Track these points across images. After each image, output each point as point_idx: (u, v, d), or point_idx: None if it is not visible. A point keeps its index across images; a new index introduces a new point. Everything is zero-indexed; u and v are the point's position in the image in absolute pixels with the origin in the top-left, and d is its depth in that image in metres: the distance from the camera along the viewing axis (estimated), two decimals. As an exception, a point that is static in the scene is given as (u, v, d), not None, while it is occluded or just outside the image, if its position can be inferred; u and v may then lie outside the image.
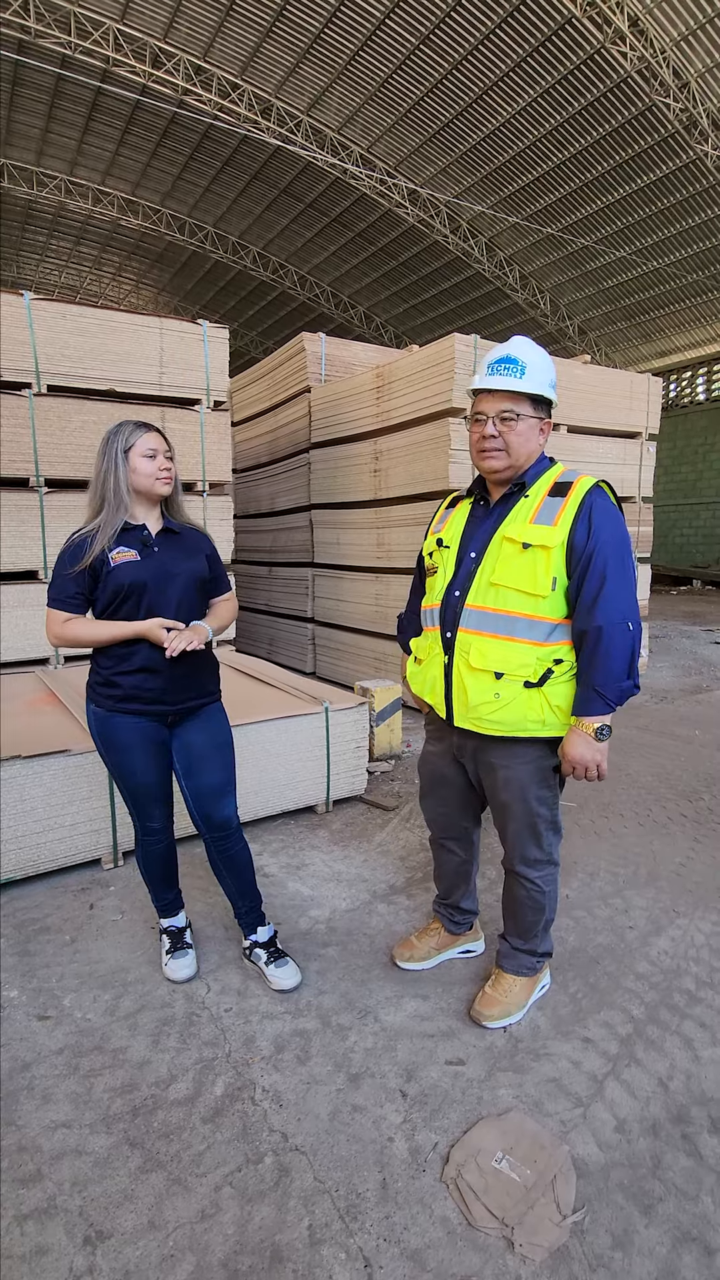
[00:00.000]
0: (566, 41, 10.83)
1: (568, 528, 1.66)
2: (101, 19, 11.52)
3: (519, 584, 1.68)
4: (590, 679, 1.65)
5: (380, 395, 5.46)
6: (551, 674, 1.69)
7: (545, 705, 1.70)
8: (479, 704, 1.73)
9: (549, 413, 1.78)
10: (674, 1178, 1.48)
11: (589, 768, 1.70)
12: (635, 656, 1.67)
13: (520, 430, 1.72)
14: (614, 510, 1.70)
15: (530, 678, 1.69)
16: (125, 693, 1.90)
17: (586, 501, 1.66)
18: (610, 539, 1.64)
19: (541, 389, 1.73)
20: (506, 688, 1.70)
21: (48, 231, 18.70)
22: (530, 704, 1.70)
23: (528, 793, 1.82)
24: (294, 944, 2.33)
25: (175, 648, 1.83)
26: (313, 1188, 1.46)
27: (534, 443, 1.75)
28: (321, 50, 11.88)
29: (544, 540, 1.66)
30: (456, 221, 15.86)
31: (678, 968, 2.20)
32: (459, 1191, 1.45)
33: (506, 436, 1.72)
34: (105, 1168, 1.51)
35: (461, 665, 1.76)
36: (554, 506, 1.68)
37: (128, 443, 1.87)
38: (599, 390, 5.81)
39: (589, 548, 1.64)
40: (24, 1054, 1.84)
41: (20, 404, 4.27)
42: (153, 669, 1.89)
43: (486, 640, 1.72)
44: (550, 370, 1.76)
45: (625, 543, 1.68)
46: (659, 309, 17.38)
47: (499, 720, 1.72)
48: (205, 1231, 1.37)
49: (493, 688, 1.71)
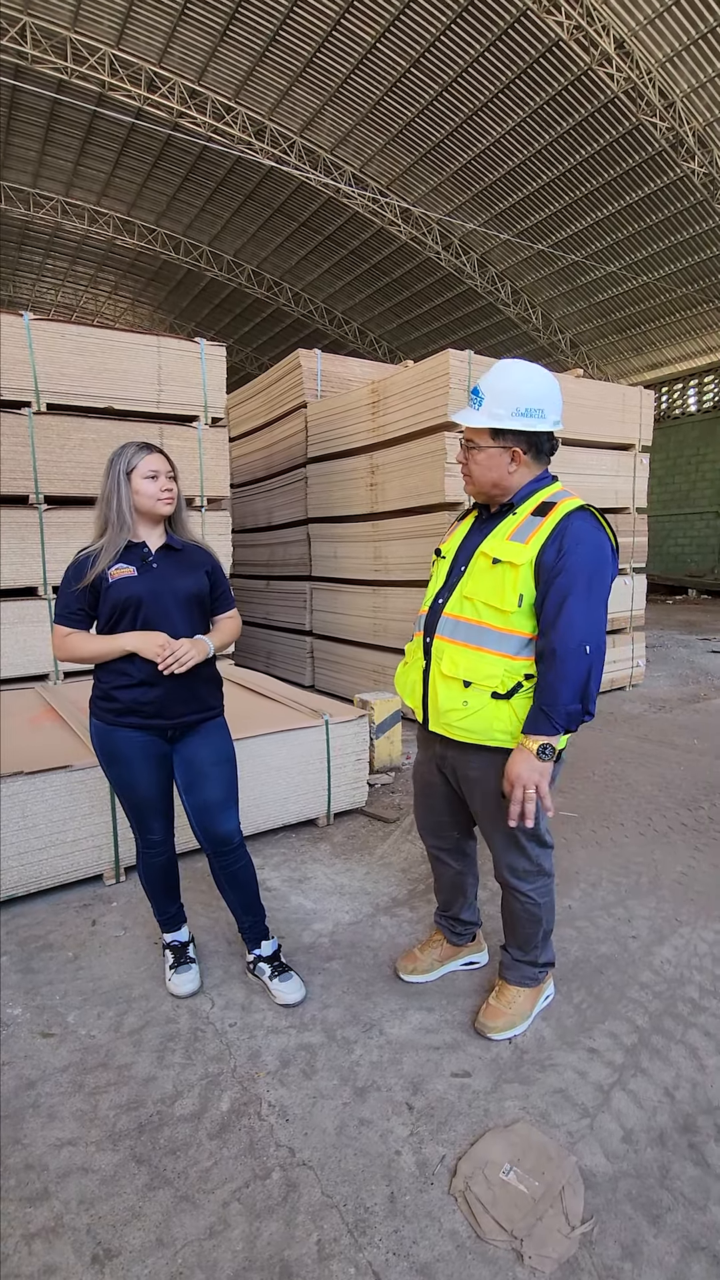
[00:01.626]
0: (554, 63, 11.05)
1: (537, 547, 1.67)
2: (97, 44, 11.72)
3: (488, 598, 1.72)
4: (539, 698, 1.65)
5: (375, 410, 5.51)
6: (521, 688, 1.71)
7: (513, 717, 1.72)
8: (448, 710, 1.77)
9: (523, 441, 1.73)
10: (682, 1187, 1.49)
11: (526, 786, 1.66)
12: (591, 681, 1.64)
13: (479, 460, 1.75)
14: (592, 533, 1.67)
15: (498, 689, 1.71)
16: (124, 706, 1.92)
17: (563, 524, 1.67)
18: (580, 561, 1.63)
19: (495, 422, 1.70)
20: (474, 696, 1.73)
21: (44, 251, 18.89)
22: (498, 715, 1.72)
23: (501, 805, 1.82)
24: (297, 958, 2.33)
25: (169, 665, 1.85)
26: (321, 1202, 1.46)
27: (499, 470, 1.74)
28: (314, 73, 12.09)
29: (512, 557, 1.69)
30: (449, 238, 16.08)
31: (681, 977, 2.21)
32: (467, 1204, 1.44)
33: (469, 465, 1.78)
34: (112, 1185, 1.50)
35: (435, 671, 1.80)
36: (531, 526, 1.71)
37: (130, 465, 1.90)
38: (592, 403, 5.88)
39: (556, 568, 1.64)
40: (29, 1071, 1.83)
41: (20, 422, 4.31)
42: (150, 683, 1.91)
43: (458, 648, 1.76)
44: (520, 397, 1.69)
45: (599, 567, 1.66)
46: (650, 322, 17.60)
47: (467, 728, 1.75)
48: (214, 1248, 1.37)
49: (461, 695, 1.74)
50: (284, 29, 11.16)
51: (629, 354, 19.23)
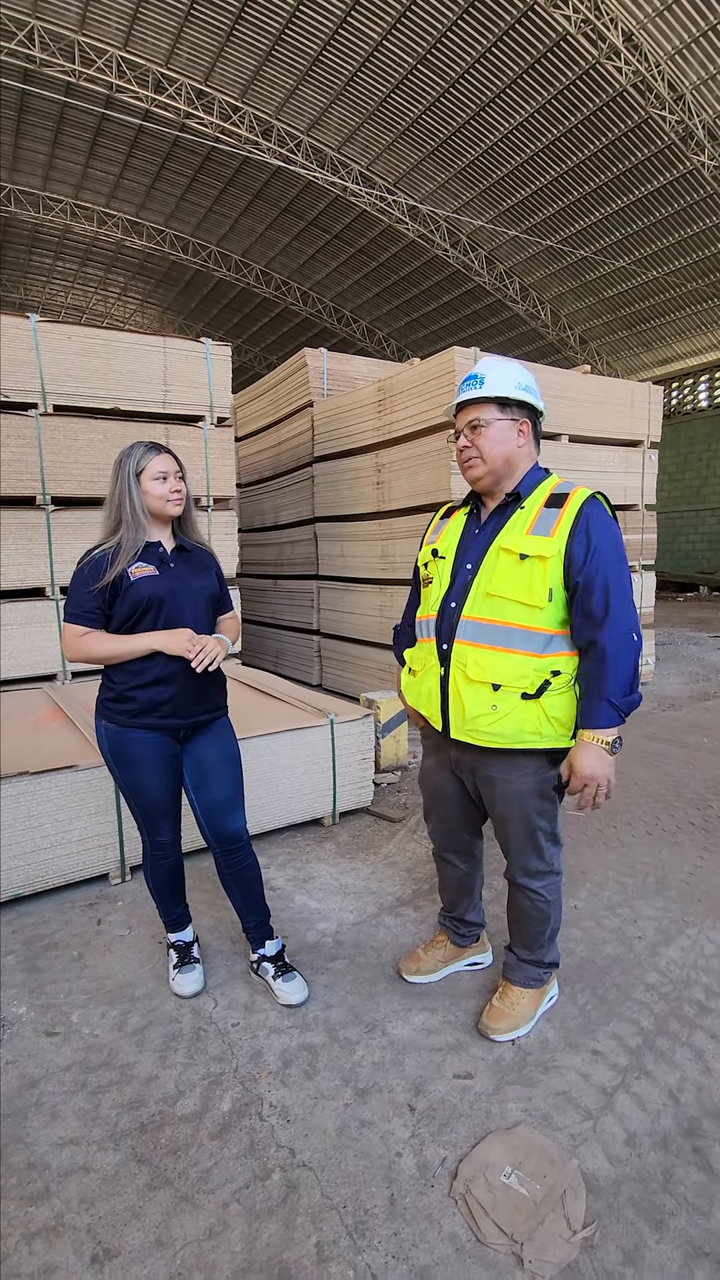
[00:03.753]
0: (562, 58, 10.98)
1: (564, 539, 1.66)
2: (105, 47, 11.77)
3: (516, 595, 1.69)
4: (604, 691, 1.64)
5: (382, 409, 5.50)
6: (549, 685, 1.69)
7: (543, 717, 1.70)
8: (476, 716, 1.73)
9: (528, 415, 1.79)
10: (685, 1192, 1.47)
11: (600, 783, 1.68)
12: (638, 668, 1.69)
13: (490, 435, 1.75)
14: (610, 521, 1.71)
15: (528, 689, 1.69)
16: (140, 707, 1.92)
17: (584, 513, 1.67)
18: (609, 552, 1.66)
19: (503, 391, 1.74)
20: (504, 699, 1.70)
21: (54, 254, 19.01)
22: (528, 715, 1.70)
23: (527, 805, 1.81)
24: (301, 957, 2.32)
25: (208, 659, 1.87)
26: (320, 1204, 1.45)
27: (510, 444, 1.76)
28: (320, 72, 12.08)
29: (541, 551, 1.67)
30: (457, 235, 16.02)
31: (687, 978, 2.19)
32: (468, 1207, 1.44)
33: (478, 443, 1.76)
34: (113, 1185, 1.51)
35: (458, 677, 1.76)
36: (550, 518, 1.69)
37: (139, 466, 1.90)
38: (600, 400, 5.84)
39: (590, 562, 1.64)
40: (32, 1070, 1.84)
41: (27, 424, 4.33)
42: (168, 682, 1.91)
43: (483, 652, 1.72)
44: (517, 375, 1.78)
45: (623, 554, 1.70)
46: (659, 317, 17.45)
47: (496, 732, 1.72)
48: (213, 1249, 1.36)
49: (490, 699, 1.71)
50: (290, 28, 11.16)
51: (639, 350, 19.09)
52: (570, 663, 1.72)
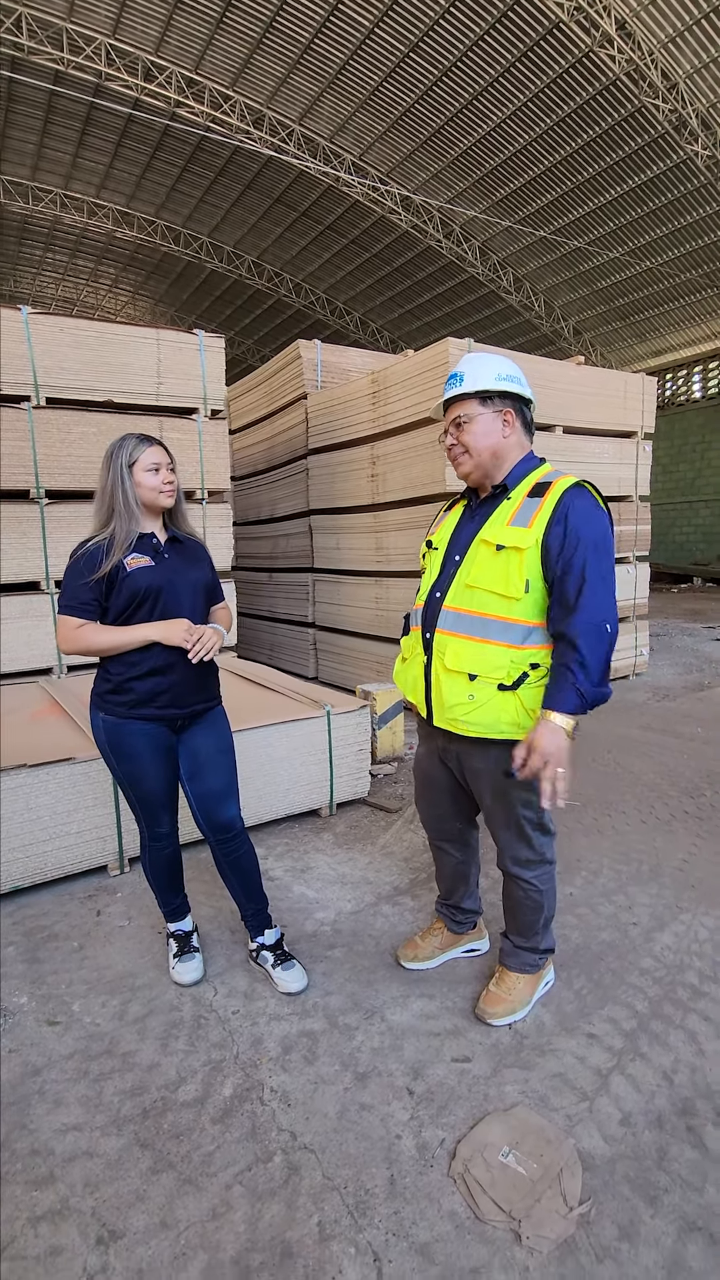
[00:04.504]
0: (554, 46, 10.91)
1: (542, 529, 1.67)
2: (94, 34, 11.63)
3: (493, 586, 1.70)
4: (571, 679, 1.60)
5: (376, 400, 5.49)
6: (527, 678, 1.70)
7: (520, 709, 1.70)
8: (454, 704, 1.75)
9: (511, 404, 1.78)
10: (679, 1169, 1.50)
11: (551, 760, 1.59)
12: (609, 660, 1.65)
13: (474, 429, 1.77)
14: (593, 510, 1.69)
15: (504, 680, 1.70)
16: (138, 698, 1.93)
17: (563, 502, 1.67)
18: (589, 540, 1.64)
19: (482, 385, 1.76)
20: (480, 689, 1.71)
21: (44, 245, 18.84)
22: (504, 706, 1.71)
23: (510, 795, 1.83)
24: (300, 946, 2.34)
25: (205, 650, 1.88)
26: (322, 1185, 1.48)
27: (495, 435, 1.77)
28: (311, 60, 11.98)
29: (517, 542, 1.68)
30: (450, 226, 15.95)
31: (681, 963, 2.22)
32: (466, 1186, 1.46)
33: (463, 439, 1.78)
34: (117, 1169, 1.53)
35: (438, 666, 1.79)
36: (531, 508, 1.70)
37: (131, 458, 1.90)
38: (593, 391, 5.84)
39: (566, 549, 1.64)
40: (35, 1059, 1.86)
41: (20, 417, 4.31)
42: (165, 672, 1.92)
43: (461, 641, 1.74)
44: (497, 366, 1.78)
45: (605, 543, 1.68)
46: (653, 308, 17.44)
47: (473, 721, 1.74)
48: (216, 1230, 1.39)
49: (467, 689, 1.72)
50: (281, 15, 11.05)
51: (633, 341, 19.07)
52: (550, 655, 1.71)
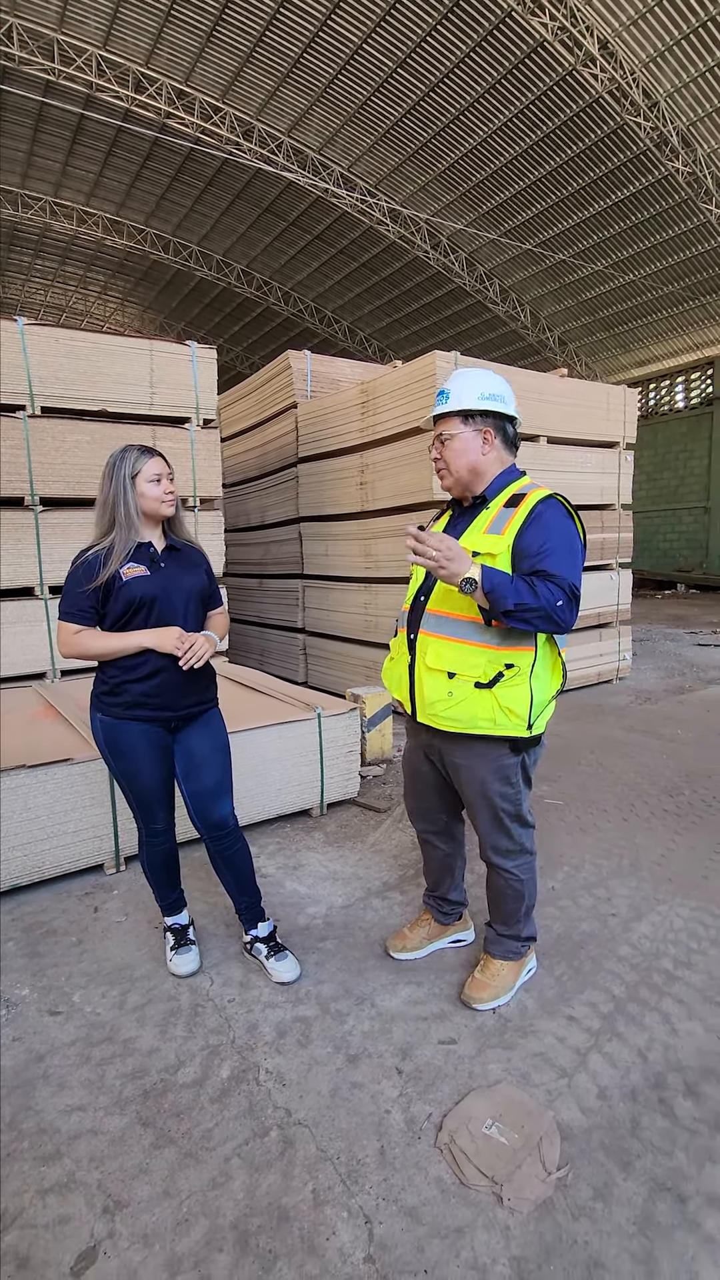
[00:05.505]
0: (539, 64, 11.16)
1: (513, 534, 1.78)
2: (84, 46, 11.75)
3: None
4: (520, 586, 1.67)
5: (365, 410, 5.61)
6: (502, 677, 1.81)
7: (496, 705, 1.81)
8: (434, 701, 1.86)
9: (491, 422, 1.88)
10: (651, 1137, 1.60)
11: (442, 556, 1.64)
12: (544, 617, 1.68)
13: (454, 446, 1.89)
14: (564, 519, 1.81)
15: (481, 679, 1.81)
16: (134, 699, 2.02)
17: (535, 511, 1.79)
18: (560, 539, 1.75)
19: (465, 404, 1.86)
20: (459, 687, 1.82)
21: (33, 252, 18.87)
22: (481, 703, 1.82)
23: (488, 788, 1.94)
24: (293, 939, 2.43)
25: (195, 657, 1.97)
26: (315, 1156, 1.56)
27: (474, 452, 1.88)
28: (301, 74, 12.16)
29: (491, 548, 1.79)
30: (436, 238, 16.18)
31: (657, 950, 2.32)
32: (452, 1155, 1.55)
33: (444, 455, 1.91)
34: (120, 1145, 1.61)
35: (421, 665, 1.91)
36: (505, 517, 1.82)
37: (134, 469, 1.99)
38: (576, 402, 6.00)
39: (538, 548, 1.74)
40: (38, 1046, 1.93)
41: (15, 425, 4.39)
42: (159, 676, 2.01)
43: (442, 642, 1.86)
44: (482, 385, 1.88)
45: (576, 548, 1.80)
46: (637, 320, 17.75)
47: (453, 717, 1.85)
48: (217, 1198, 1.47)
49: (446, 686, 1.84)
50: (270, 29, 11.22)
51: (617, 351, 19.39)
52: (525, 657, 1.82)
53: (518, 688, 1.81)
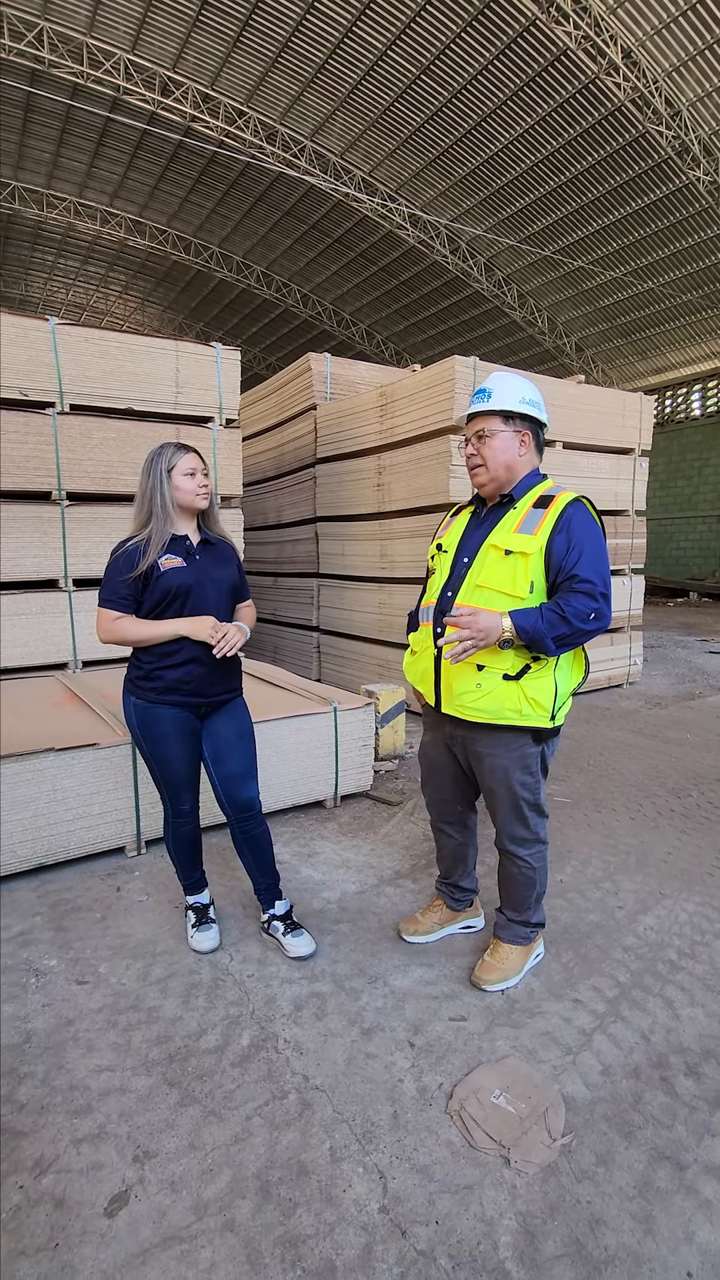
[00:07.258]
0: (562, 72, 11.24)
1: (546, 536, 1.87)
2: (113, 49, 11.94)
3: (501, 586, 1.90)
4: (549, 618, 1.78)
5: (384, 413, 5.71)
6: (529, 669, 1.89)
7: (523, 697, 1.89)
8: (462, 693, 1.94)
9: (529, 426, 1.99)
10: (652, 1111, 1.67)
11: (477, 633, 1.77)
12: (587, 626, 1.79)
13: (494, 444, 1.96)
14: (592, 522, 1.91)
15: (509, 671, 1.89)
16: (168, 685, 2.12)
17: (565, 514, 1.88)
18: (590, 548, 1.85)
19: (507, 405, 1.95)
20: (487, 679, 1.90)
21: (56, 251, 19.14)
22: (508, 695, 1.90)
23: (511, 777, 2.02)
24: (308, 921, 2.52)
25: (229, 646, 2.06)
26: (332, 1118, 1.65)
27: (511, 452, 1.97)
28: (326, 79, 12.30)
29: (524, 548, 1.88)
30: (456, 242, 16.28)
31: (662, 941, 2.40)
32: (461, 1120, 1.64)
33: (482, 451, 1.98)
34: (147, 1102, 1.70)
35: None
36: (536, 518, 1.90)
37: (170, 463, 2.10)
38: (593, 409, 6.06)
39: (571, 555, 1.84)
40: (67, 1012, 2.03)
41: (44, 422, 4.51)
42: (191, 663, 2.11)
43: None
44: (522, 390, 1.97)
45: (603, 551, 1.89)
46: (654, 327, 17.77)
47: (480, 708, 1.93)
48: (239, 1151, 1.56)
49: (474, 679, 1.92)
50: (296, 36, 11.37)
51: (634, 358, 19.40)
52: None
53: (543, 679, 1.90)
